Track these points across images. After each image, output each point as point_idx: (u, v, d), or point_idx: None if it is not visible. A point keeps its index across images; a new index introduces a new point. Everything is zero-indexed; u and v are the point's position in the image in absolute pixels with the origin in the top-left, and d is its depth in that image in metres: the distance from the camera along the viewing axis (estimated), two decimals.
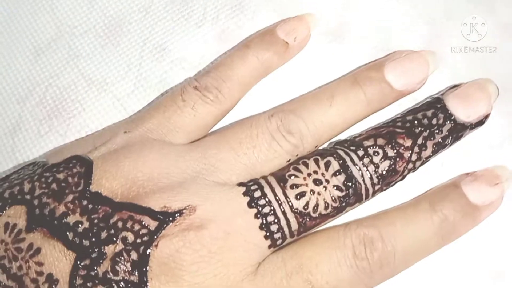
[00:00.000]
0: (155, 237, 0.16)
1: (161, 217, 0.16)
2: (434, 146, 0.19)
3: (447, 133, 0.19)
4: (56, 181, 0.17)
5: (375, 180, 0.18)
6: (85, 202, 0.16)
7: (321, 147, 0.20)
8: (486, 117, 0.20)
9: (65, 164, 0.17)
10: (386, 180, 0.18)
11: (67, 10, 0.22)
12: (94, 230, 0.16)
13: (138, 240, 0.16)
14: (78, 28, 0.22)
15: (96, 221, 0.16)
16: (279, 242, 0.17)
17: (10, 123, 0.21)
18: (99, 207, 0.16)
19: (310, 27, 0.21)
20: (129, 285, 0.15)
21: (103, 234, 0.16)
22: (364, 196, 0.18)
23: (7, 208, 0.17)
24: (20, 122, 0.21)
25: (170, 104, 0.19)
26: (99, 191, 0.17)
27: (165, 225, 0.16)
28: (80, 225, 0.16)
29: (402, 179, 0.19)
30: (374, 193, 0.18)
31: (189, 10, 0.23)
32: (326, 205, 0.17)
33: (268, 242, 0.17)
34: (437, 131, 0.19)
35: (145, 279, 0.15)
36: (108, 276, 0.15)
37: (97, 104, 0.21)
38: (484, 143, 0.21)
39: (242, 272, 0.16)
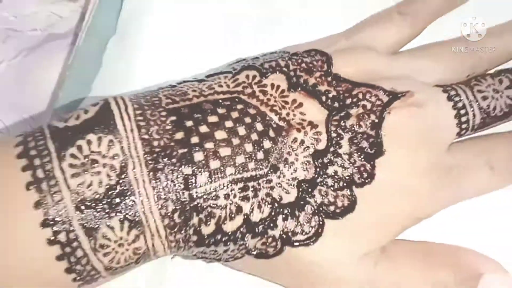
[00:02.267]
0: (388, 107, 0.20)
1: (390, 95, 0.21)
2: None
3: None
4: (304, 62, 0.22)
5: None
6: (329, 78, 0.21)
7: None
8: None
9: (307, 53, 0.22)
10: None
11: None
12: (341, 97, 0.21)
13: (375, 108, 0.20)
14: None
15: (341, 91, 0.21)
16: (463, 131, 0.22)
17: (230, 28, 0.26)
18: (341, 83, 0.21)
19: None
20: (369, 138, 0.20)
21: (348, 101, 0.20)
22: None
23: (269, 74, 0.21)
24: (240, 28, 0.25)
25: (381, 23, 0.24)
26: (339, 74, 0.21)
27: (394, 100, 0.20)
28: (329, 93, 0.21)
29: None
30: None
31: None
32: (501, 109, 0.22)
33: (458, 129, 0.22)
34: None
35: (380, 135, 0.20)
36: (354, 128, 0.20)
37: None
38: None
39: (444, 145, 0.21)
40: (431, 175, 0.20)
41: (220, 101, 0.20)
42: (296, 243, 0.19)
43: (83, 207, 0.17)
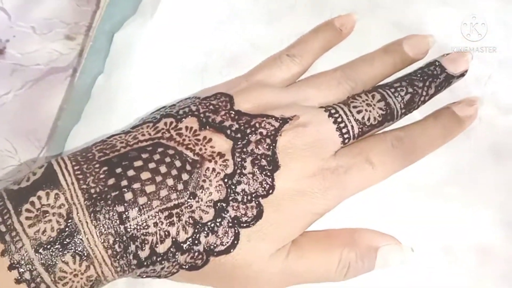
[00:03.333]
0: (279, 131, 0.25)
1: (281, 120, 0.25)
2: (435, 87, 0.28)
3: (443, 79, 0.28)
4: (212, 104, 0.26)
5: (402, 105, 0.27)
6: (232, 114, 0.25)
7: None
8: (465, 72, 0.29)
9: (214, 96, 0.26)
10: (408, 106, 0.27)
11: None
12: (242, 128, 0.25)
13: (269, 133, 0.25)
14: (246, 11, 0.30)
15: (242, 124, 0.25)
16: (346, 140, 0.26)
17: (200, 67, 0.30)
18: (242, 117, 0.25)
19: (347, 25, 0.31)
20: (266, 157, 0.24)
21: (248, 130, 0.25)
22: (395, 116, 0.27)
23: (183, 118, 0.25)
24: (207, 66, 0.30)
25: (273, 64, 0.29)
26: (240, 109, 0.25)
27: (284, 124, 0.25)
28: (232, 126, 0.25)
29: (417, 108, 0.28)
30: (401, 115, 0.27)
31: None
32: (374, 118, 0.26)
33: (341, 139, 0.26)
34: (436, 78, 0.28)
35: (275, 154, 0.24)
36: (254, 151, 0.24)
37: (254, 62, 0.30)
38: None
39: (328, 153, 0.25)
40: (318, 177, 0.24)
41: (144, 147, 0.23)
42: (218, 253, 0.23)
43: (41, 250, 0.20)
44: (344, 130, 0.26)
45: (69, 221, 0.21)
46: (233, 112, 0.25)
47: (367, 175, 0.26)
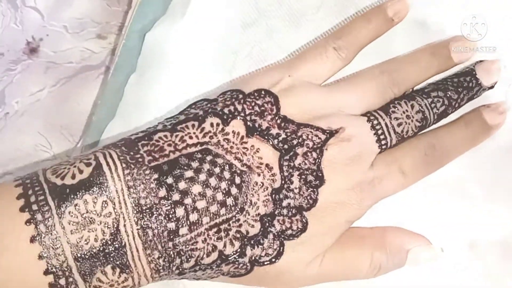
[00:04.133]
0: (325, 144, 0.25)
1: (328, 133, 0.25)
2: (468, 99, 0.28)
3: (475, 92, 0.28)
4: (257, 105, 0.25)
5: (436, 117, 0.27)
6: (279, 121, 0.25)
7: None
8: (495, 84, 0.29)
9: (257, 93, 0.26)
10: (440, 117, 0.28)
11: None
12: (289, 139, 0.24)
13: (316, 146, 0.25)
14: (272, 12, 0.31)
15: (288, 133, 0.25)
16: (383, 150, 0.26)
17: (228, 65, 0.30)
18: (288, 125, 0.25)
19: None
20: (313, 172, 0.24)
21: (294, 141, 0.24)
22: (427, 126, 0.27)
23: (229, 119, 0.24)
24: (235, 64, 0.30)
25: (319, 59, 0.27)
26: (285, 115, 0.25)
27: (330, 137, 0.25)
28: (279, 136, 0.25)
29: (446, 117, 0.28)
30: (432, 124, 0.28)
31: None
32: (412, 130, 0.27)
33: (379, 150, 0.26)
34: (471, 91, 0.28)
35: (320, 168, 0.24)
36: (301, 166, 0.24)
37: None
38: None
39: (367, 165, 0.26)
40: (357, 189, 0.25)
41: (193, 154, 0.23)
42: (263, 263, 0.23)
43: (81, 259, 0.20)
44: (383, 142, 0.26)
45: (115, 232, 0.20)
46: (280, 119, 0.25)
47: (398, 183, 0.26)
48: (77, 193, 0.20)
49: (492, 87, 0.29)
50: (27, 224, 0.20)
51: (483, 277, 0.26)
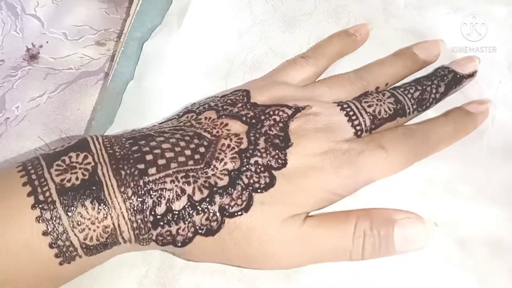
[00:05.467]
0: (292, 117, 0.27)
1: (294, 109, 0.27)
2: (445, 85, 0.29)
3: (451, 78, 0.30)
4: (230, 99, 0.28)
5: (412, 102, 0.28)
6: (249, 106, 0.27)
7: None
8: (474, 73, 0.30)
9: (232, 92, 0.29)
10: (419, 103, 0.29)
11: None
12: (257, 115, 0.27)
13: (282, 119, 0.26)
14: (266, 20, 0.33)
15: (257, 112, 0.27)
16: (359, 132, 0.27)
17: (224, 73, 0.32)
18: (258, 107, 0.27)
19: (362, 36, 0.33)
20: (279, 137, 0.26)
21: (262, 117, 0.27)
22: (407, 112, 0.28)
23: (203, 112, 0.27)
24: (230, 71, 0.32)
25: (288, 66, 0.31)
26: (256, 102, 0.28)
27: (297, 112, 0.27)
28: (248, 114, 0.27)
29: (428, 107, 0.29)
30: (413, 112, 0.29)
31: None
32: (385, 111, 0.28)
33: (353, 130, 0.27)
34: (445, 77, 0.29)
35: (287, 133, 0.26)
36: (267, 132, 0.26)
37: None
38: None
39: (339, 137, 0.27)
40: (330, 155, 0.26)
41: (166, 129, 0.26)
42: (233, 214, 0.24)
43: (63, 193, 0.22)
44: (356, 122, 0.27)
45: (93, 173, 0.23)
46: (249, 104, 0.27)
47: (381, 160, 0.26)
48: (64, 153, 0.24)
49: (472, 75, 0.30)
50: (21, 177, 0.23)
51: (472, 274, 0.27)
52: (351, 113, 0.28)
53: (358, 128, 0.27)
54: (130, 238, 0.23)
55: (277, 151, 0.25)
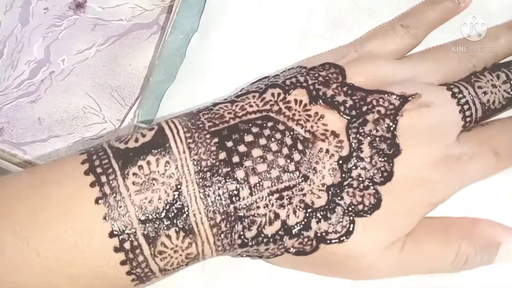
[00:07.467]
0: (400, 110, 0.22)
1: (401, 99, 0.23)
2: None
3: None
4: (321, 76, 0.23)
5: None
6: (345, 88, 0.23)
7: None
8: None
9: (322, 66, 0.24)
10: None
11: None
12: (357, 105, 0.22)
13: (388, 112, 0.22)
14: None
15: (356, 100, 0.23)
16: (468, 124, 0.24)
17: (301, 29, 0.28)
18: (356, 92, 0.23)
19: None
20: (386, 140, 0.22)
21: (364, 108, 0.22)
22: None
23: (291, 90, 0.23)
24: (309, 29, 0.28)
25: (386, 34, 0.26)
26: (353, 83, 0.23)
27: (405, 103, 0.22)
28: (346, 103, 0.22)
29: None
30: None
31: None
32: (499, 102, 0.24)
33: (463, 122, 0.24)
34: None
35: (395, 136, 0.22)
36: (372, 133, 0.22)
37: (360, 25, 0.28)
38: None
39: (452, 138, 0.23)
40: (441, 166, 0.22)
41: (253, 120, 0.22)
42: (330, 241, 0.21)
43: (145, 220, 0.19)
44: (467, 113, 0.24)
45: (178, 193, 0.20)
46: (346, 86, 0.23)
47: (490, 166, 0.24)
48: (140, 155, 0.20)
49: None
50: (92, 186, 0.20)
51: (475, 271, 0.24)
52: (463, 100, 0.24)
53: (468, 120, 0.24)
54: (212, 256, 0.22)
55: (383, 161, 0.22)
